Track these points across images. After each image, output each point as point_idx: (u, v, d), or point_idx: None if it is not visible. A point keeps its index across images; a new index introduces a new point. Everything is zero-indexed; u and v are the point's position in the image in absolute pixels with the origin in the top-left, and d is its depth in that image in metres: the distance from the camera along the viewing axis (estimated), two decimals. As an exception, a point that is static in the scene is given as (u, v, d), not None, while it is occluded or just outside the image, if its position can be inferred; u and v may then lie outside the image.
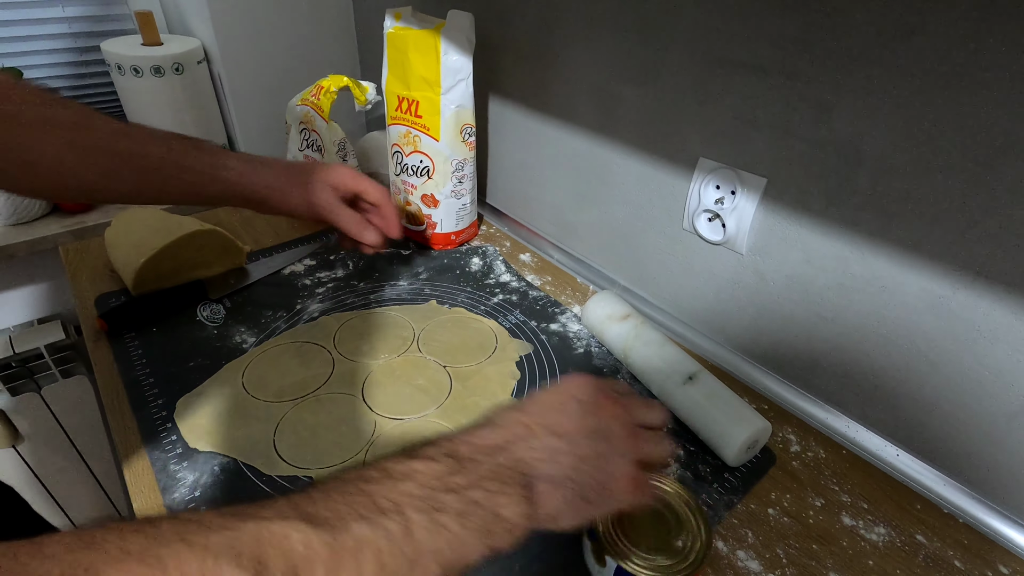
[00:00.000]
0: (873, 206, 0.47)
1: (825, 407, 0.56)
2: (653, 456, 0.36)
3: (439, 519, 0.27)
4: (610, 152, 0.68)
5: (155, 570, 0.20)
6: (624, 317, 0.61)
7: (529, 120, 0.77)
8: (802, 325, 0.56)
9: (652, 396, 0.57)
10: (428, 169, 0.74)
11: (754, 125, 0.53)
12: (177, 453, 0.48)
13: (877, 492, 0.50)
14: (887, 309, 0.49)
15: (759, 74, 0.51)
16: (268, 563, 0.22)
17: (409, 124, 0.73)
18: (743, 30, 0.50)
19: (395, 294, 0.70)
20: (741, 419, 0.50)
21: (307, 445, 0.50)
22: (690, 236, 0.63)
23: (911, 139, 0.43)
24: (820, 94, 0.47)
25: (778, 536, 0.45)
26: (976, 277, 0.43)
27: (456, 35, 0.67)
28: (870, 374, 0.52)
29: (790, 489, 0.49)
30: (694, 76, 0.56)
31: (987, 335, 0.44)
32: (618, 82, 0.63)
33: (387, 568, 0.25)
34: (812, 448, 0.54)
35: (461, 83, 0.70)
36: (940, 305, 0.46)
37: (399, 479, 0.28)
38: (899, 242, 0.47)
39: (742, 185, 0.55)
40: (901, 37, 0.42)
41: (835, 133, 0.47)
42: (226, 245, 0.69)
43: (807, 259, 0.53)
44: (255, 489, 0.46)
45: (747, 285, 0.59)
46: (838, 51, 0.45)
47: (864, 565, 0.44)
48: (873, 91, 0.44)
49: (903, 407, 0.51)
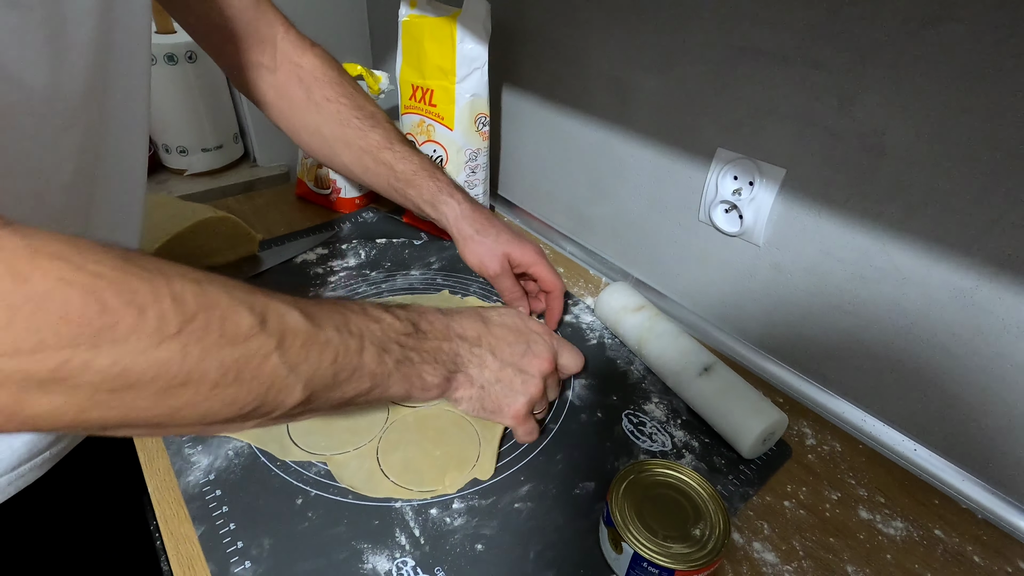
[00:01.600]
0: (896, 198, 0.46)
1: (842, 400, 0.56)
2: (545, 401, 0.48)
3: (383, 356, 0.36)
4: (625, 143, 0.68)
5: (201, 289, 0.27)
6: (638, 308, 0.60)
7: (543, 110, 0.77)
8: (819, 318, 0.55)
9: (666, 388, 0.57)
10: (441, 159, 0.74)
11: (774, 115, 0.52)
12: (191, 436, 0.48)
13: (894, 486, 0.49)
14: (908, 302, 0.49)
15: (780, 63, 0.50)
16: (268, 321, 0.30)
17: (423, 113, 0.73)
18: (765, 18, 0.50)
19: (407, 283, 0.70)
20: (757, 411, 0.49)
21: (320, 431, 0.50)
22: (706, 228, 0.62)
23: (936, 129, 0.43)
24: (843, 83, 0.47)
25: (794, 528, 0.45)
26: (1001, 270, 0.43)
27: (472, 23, 0.66)
28: (888, 368, 0.52)
29: (806, 482, 0.49)
30: (713, 65, 0.55)
31: (1012, 329, 0.43)
32: (635, 71, 0.63)
33: (337, 363, 0.33)
34: (828, 442, 0.53)
35: (476, 72, 0.69)
36: (963, 298, 0.45)
37: (371, 318, 0.37)
38: (922, 234, 0.46)
39: (761, 176, 0.54)
40: (928, 25, 0.41)
41: (858, 123, 0.47)
42: (239, 233, 0.69)
43: (826, 251, 0.52)
44: (269, 474, 0.46)
45: (764, 277, 0.59)
46: (862, 40, 0.44)
47: (882, 559, 0.43)
48: (898, 81, 0.44)
49: (922, 401, 0.50)
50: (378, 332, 0.36)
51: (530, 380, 0.45)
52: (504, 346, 0.45)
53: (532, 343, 0.46)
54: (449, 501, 0.45)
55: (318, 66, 0.59)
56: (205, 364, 0.26)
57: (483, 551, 0.41)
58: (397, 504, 0.44)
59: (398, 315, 0.39)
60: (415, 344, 0.39)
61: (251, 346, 0.28)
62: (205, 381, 0.27)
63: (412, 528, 0.43)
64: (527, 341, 0.46)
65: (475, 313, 0.46)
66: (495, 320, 0.46)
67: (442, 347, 0.41)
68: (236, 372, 0.28)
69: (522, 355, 0.45)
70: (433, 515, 0.44)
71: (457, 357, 0.42)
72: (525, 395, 0.45)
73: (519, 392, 0.45)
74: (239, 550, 0.40)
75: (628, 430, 0.52)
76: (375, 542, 0.41)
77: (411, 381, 0.38)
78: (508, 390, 0.45)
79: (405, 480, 0.46)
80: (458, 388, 0.43)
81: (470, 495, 0.45)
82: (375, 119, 0.59)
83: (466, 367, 0.43)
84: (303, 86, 0.58)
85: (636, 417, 0.53)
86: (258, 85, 0.59)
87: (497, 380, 0.44)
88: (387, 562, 0.40)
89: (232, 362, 0.28)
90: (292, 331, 0.31)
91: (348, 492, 0.45)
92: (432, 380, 0.40)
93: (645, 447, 0.51)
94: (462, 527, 0.43)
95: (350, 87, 0.60)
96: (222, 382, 0.27)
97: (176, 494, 0.44)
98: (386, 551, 0.41)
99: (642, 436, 0.52)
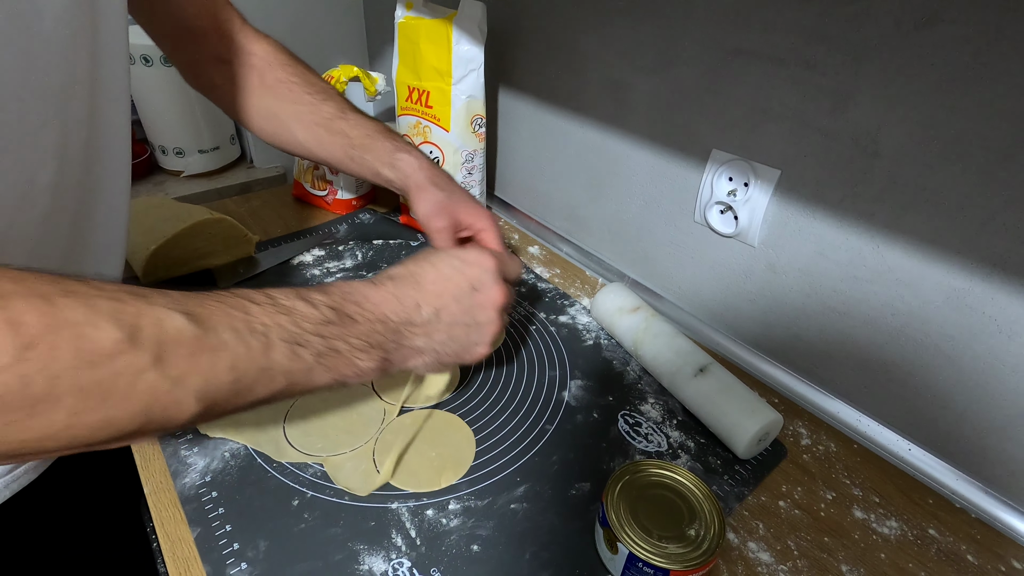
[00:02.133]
0: (890, 198, 0.47)
1: (837, 401, 0.56)
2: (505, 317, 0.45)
3: (298, 351, 0.33)
4: (621, 144, 0.68)
5: (49, 307, 0.24)
6: (634, 309, 0.61)
7: (539, 111, 0.77)
8: (814, 318, 0.56)
9: (662, 388, 0.57)
10: (438, 160, 0.74)
11: (769, 116, 0.52)
12: (187, 439, 0.48)
13: (889, 486, 0.49)
14: (902, 302, 0.49)
15: (775, 64, 0.50)
16: (141, 332, 0.26)
17: (419, 115, 0.73)
18: (759, 19, 0.50)
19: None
20: (752, 411, 0.49)
21: (317, 432, 0.50)
22: (701, 229, 0.62)
23: (929, 130, 0.43)
24: (837, 84, 0.47)
25: (789, 528, 0.45)
26: (994, 270, 0.43)
27: (468, 24, 0.67)
28: (883, 368, 0.52)
29: (801, 482, 0.49)
30: (708, 66, 0.55)
31: (1004, 329, 0.44)
32: (631, 73, 0.63)
33: (237, 369, 0.30)
34: (823, 442, 0.53)
35: (472, 73, 0.69)
36: (956, 298, 0.45)
37: (280, 311, 0.33)
38: (916, 234, 0.46)
39: (756, 177, 0.55)
40: (920, 26, 0.41)
41: (852, 124, 0.47)
42: (235, 234, 0.69)
43: (821, 252, 0.53)
44: (265, 475, 0.46)
45: (759, 278, 0.59)
46: (856, 41, 0.45)
47: (876, 558, 0.43)
48: (891, 81, 0.44)
49: (916, 401, 0.51)
50: (289, 326, 0.33)
51: (485, 325, 0.42)
52: (448, 303, 0.41)
53: (477, 284, 0.42)
54: (445, 502, 0.45)
55: (270, 51, 0.59)
56: (57, 391, 0.24)
57: (479, 552, 0.41)
58: (393, 505, 0.44)
59: (315, 302, 0.35)
60: (340, 332, 0.35)
61: (118, 364, 0.25)
62: (60, 408, 0.24)
63: (408, 529, 0.43)
64: (471, 284, 0.42)
65: (408, 277, 0.41)
66: (429, 277, 0.41)
67: (376, 329, 0.37)
68: (101, 394, 0.25)
69: (470, 306, 0.41)
70: (429, 516, 0.44)
71: (396, 335, 0.38)
72: (483, 342, 0.43)
73: (476, 343, 0.42)
74: (235, 552, 0.40)
75: (624, 431, 0.52)
76: (371, 543, 0.42)
77: (340, 371, 0.35)
78: (464, 345, 0.42)
79: (401, 481, 0.46)
80: (405, 361, 0.40)
81: (466, 496, 0.45)
82: (327, 93, 0.59)
83: (409, 341, 0.39)
84: (256, 72, 0.58)
85: (632, 418, 0.54)
86: (213, 77, 0.59)
87: (450, 339, 0.41)
88: (383, 563, 0.40)
89: (94, 385, 0.25)
90: (173, 340, 0.27)
91: (344, 493, 0.45)
92: (368, 365, 0.37)
93: (641, 447, 0.51)
94: (458, 528, 0.43)
95: (301, 67, 0.60)
96: (84, 408, 0.25)
97: (172, 496, 0.44)
98: (382, 552, 0.41)
99: (638, 436, 0.52)
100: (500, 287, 0.43)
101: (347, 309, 0.36)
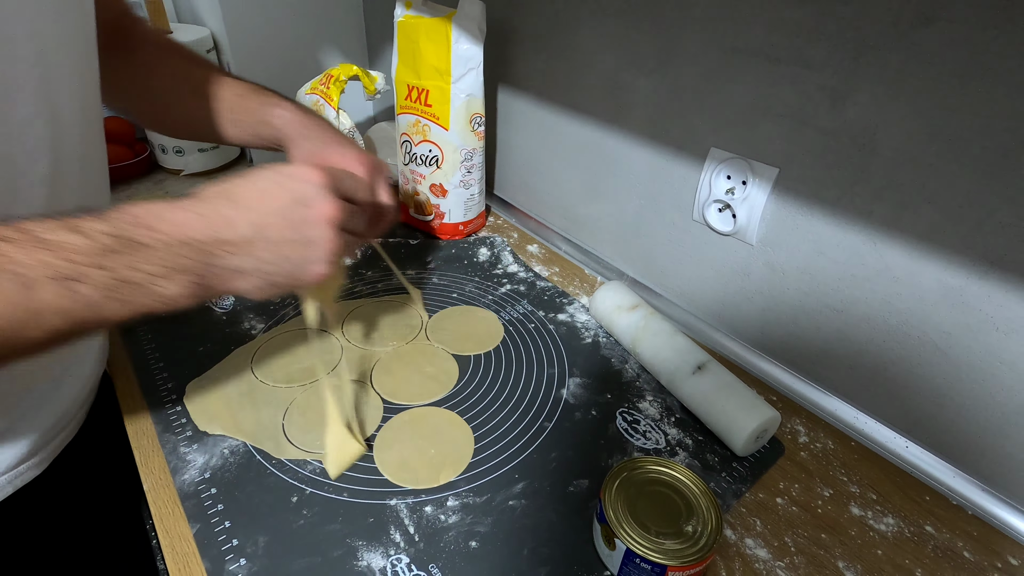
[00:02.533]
0: (887, 196, 0.47)
1: (834, 398, 0.56)
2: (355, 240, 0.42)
3: (75, 287, 0.29)
4: (620, 142, 0.68)
5: None
6: (633, 307, 0.61)
7: (538, 110, 0.77)
8: (812, 316, 0.56)
9: (660, 386, 0.57)
10: (437, 158, 0.74)
11: (767, 114, 0.52)
12: (187, 436, 0.49)
13: (886, 483, 0.50)
14: (899, 300, 0.49)
15: (773, 63, 0.50)
16: None
17: (419, 113, 0.73)
18: (757, 18, 0.50)
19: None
20: (750, 408, 0.50)
21: (316, 429, 0.50)
22: (700, 227, 0.62)
23: (927, 128, 0.43)
24: (835, 83, 0.47)
25: (787, 525, 0.45)
26: (991, 268, 0.43)
27: (468, 23, 0.67)
28: (880, 366, 0.52)
29: (799, 479, 0.49)
30: (706, 65, 0.56)
31: (1001, 326, 0.44)
32: (629, 72, 0.63)
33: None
34: (821, 439, 0.53)
35: (472, 72, 0.69)
36: (953, 296, 0.46)
37: (39, 247, 0.29)
38: (913, 232, 0.46)
39: (754, 175, 0.55)
40: (918, 25, 0.41)
41: (850, 123, 0.47)
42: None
43: (818, 250, 0.53)
44: (264, 472, 0.46)
45: (757, 276, 0.59)
46: (854, 40, 0.45)
47: (873, 555, 0.44)
48: (889, 80, 0.44)
49: (913, 399, 0.51)
50: (54, 261, 0.29)
51: (318, 242, 0.39)
52: (271, 220, 0.37)
53: (302, 199, 0.38)
54: (444, 499, 0.45)
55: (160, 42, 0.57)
56: None
57: (477, 548, 0.42)
58: (392, 502, 0.44)
59: (87, 232, 0.31)
60: (129, 261, 0.32)
61: None
62: None
63: (407, 525, 0.43)
64: (294, 199, 0.38)
65: (218, 194, 0.37)
66: (245, 193, 0.37)
67: (179, 252, 0.34)
68: None
69: (297, 222, 0.38)
70: (427, 512, 0.44)
71: (207, 256, 0.35)
72: (320, 260, 0.39)
73: (311, 261, 0.39)
74: (234, 548, 0.41)
75: (622, 428, 0.52)
76: (370, 539, 0.42)
77: (140, 302, 0.32)
78: (298, 264, 0.38)
79: (400, 478, 0.46)
80: (226, 283, 0.36)
81: (465, 493, 0.46)
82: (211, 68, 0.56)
83: (225, 261, 0.35)
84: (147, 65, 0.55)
85: (630, 415, 0.54)
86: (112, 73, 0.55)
87: (279, 258, 0.37)
88: (382, 559, 0.40)
89: None
90: None
91: (343, 490, 0.45)
92: (175, 291, 0.34)
93: (639, 444, 0.51)
94: (456, 524, 0.43)
95: (187, 50, 0.57)
96: None
97: (172, 492, 0.44)
98: (381, 548, 0.41)
99: (636, 434, 0.52)
100: (331, 202, 0.39)
101: (135, 235, 0.32)
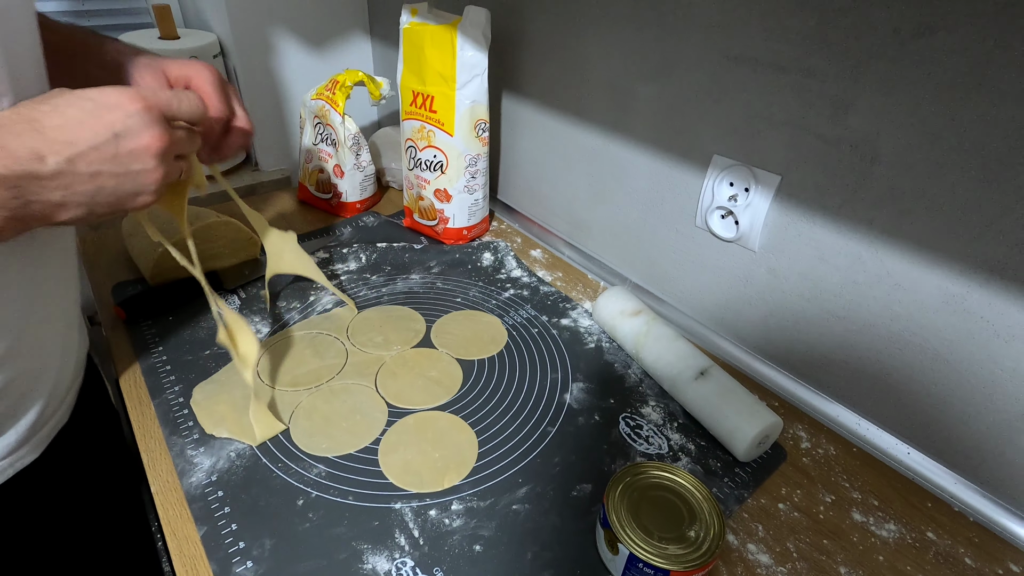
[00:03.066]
0: (889, 204, 0.47)
1: (836, 404, 0.56)
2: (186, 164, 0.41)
3: None
4: (623, 149, 0.68)
5: None
6: (636, 313, 0.61)
7: (542, 117, 0.78)
8: (814, 322, 0.56)
9: (663, 391, 0.57)
10: (442, 164, 0.75)
11: (770, 122, 0.53)
12: (194, 439, 0.49)
13: (888, 489, 0.50)
14: (900, 307, 0.49)
15: (775, 71, 0.51)
16: None
17: (423, 119, 0.74)
18: (760, 27, 0.51)
19: (407, 287, 0.71)
20: (752, 414, 0.50)
21: (321, 432, 0.50)
22: (703, 233, 0.63)
23: (928, 137, 0.43)
24: (837, 91, 0.47)
25: (788, 531, 0.46)
26: (991, 275, 0.43)
27: (472, 31, 0.67)
28: (882, 372, 0.52)
29: (800, 485, 0.50)
30: (709, 73, 0.56)
31: (1002, 334, 0.44)
32: (633, 79, 0.64)
33: None
34: (823, 445, 0.54)
35: (476, 79, 0.70)
36: (955, 303, 0.46)
37: None
38: (914, 240, 0.47)
39: (756, 182, 0.55)
40: (919, 35, 0.42)
41: (851, 131, 0.48)
42: (241, 237, 0.70)
43: (820, 256, 0.53)
44: (270, 475, 0.47)
45: (759, 282, 0.59)
46: (856, 49, 0.45)
47: (875, 561, 0.44)
48: (890, 89, 0.44)
49: (915, 405, 0.51)
50: None
51: (143, 173, 0.37)
52: (84, 152, 0.35)
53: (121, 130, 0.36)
54: (448, 503, 0.45)
55: None
56: None
57: (481, 552, 0.42)
58: (397, 505, 0.45)
59: None
60: None
61: None
62: None
63: (411, 529, 0.43)
64: (112, 131, 0.35)
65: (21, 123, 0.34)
66: (53, 123, 0.34)
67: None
68: None
69: (116, 155, 0.36)
70: (432, 516, 0.44)
71: (17, 191, 0.32)
72: (145, 191, 0.37)
73: (135, 192, 0.37)
74: (241, 550, 0.41)
75: (625, 433, 0.53)
76: (375, 543, 0.42)
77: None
78: (120, 196, 0.37)
79: (405, 481, 0.47)
80: (49, 216, 0.35)
81: (469, 497, 0.46)
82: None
83: (40, 195, 0.33)
84: None
85: (633, 420, 0.54)
86: None
87: (98, 190, 0.36)
88: (387, 562, 0.41)
89: None
90: None
91: (348, 493, 0.45)
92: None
93: (642, 450, 0.51)
94: (461, 528, 0.43)
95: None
96: None
97: (179, 495, 0.45)
98: (386, 551, 0.42)
99: (639, 439, 0.52)
100: (154, 130, 0.37)
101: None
